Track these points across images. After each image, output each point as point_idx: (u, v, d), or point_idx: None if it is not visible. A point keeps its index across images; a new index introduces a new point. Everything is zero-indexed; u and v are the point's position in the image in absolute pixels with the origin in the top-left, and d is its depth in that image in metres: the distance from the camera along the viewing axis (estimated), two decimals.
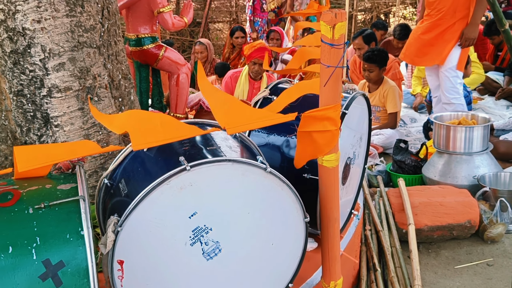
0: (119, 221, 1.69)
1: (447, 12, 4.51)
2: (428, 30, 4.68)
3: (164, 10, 4.48)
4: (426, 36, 4.68)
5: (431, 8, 4.64)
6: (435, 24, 4.60)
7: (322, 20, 1.92)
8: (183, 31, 9.97)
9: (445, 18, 4.53)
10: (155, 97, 5.02)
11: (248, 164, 1.85)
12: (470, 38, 4.47)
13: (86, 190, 1.73)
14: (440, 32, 4.57)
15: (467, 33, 4.46)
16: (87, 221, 1.57)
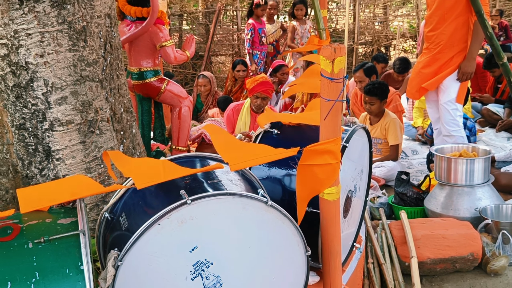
0: (119, 256, 1.68)
1: (445, 45, 4.55)
2: (428, 64, 4.72)
3: (166, 44, 4.53)
4: (427, 70, 4.71)
5: (430, 41, 4.70)
6: (434, 58, 4.64)
7: (321, 55, 1.95)
8: (186, 64, 10.06)
9: (443, 52, 4.57)
10: (157, 130, 5.03)
11: (249, 197, 1.85)
12: (467, 72, 4.51)
13: (87, 224, 1.73)
14: (440, 66, 4.61)
15: (464, 68, 4.50)
16: (87, 255, 1.57)
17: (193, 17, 10.62)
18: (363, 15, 11.81)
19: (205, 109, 7.36)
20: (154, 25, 4.51)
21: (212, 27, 9.78)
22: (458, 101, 4.63)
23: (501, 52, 3.79)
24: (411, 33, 12.45)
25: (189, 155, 2.32)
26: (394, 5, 12.76)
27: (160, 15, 4.57)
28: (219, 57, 11.02)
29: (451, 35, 4.48)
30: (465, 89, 4.67)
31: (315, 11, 4.12)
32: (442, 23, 4.52)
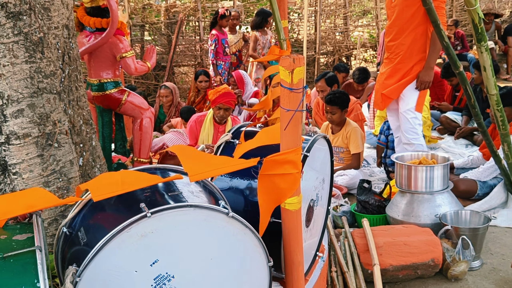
0: (78, 271, 1.64)
1: (404, 55, 4.63)
2: (390, 75, 4.77)
3: (126, 55, 4.49)
4: (389, 81, 4.77)
5: (390, 51, 4.77)
6: (395, 69, 4.71)
7: (281, 65, 1.96)
8: (148, 75, 9.99)
9: (403, 62, 4.65)
10: (118, 142, 4.97)
11: (210, 209, 1.84)
12: (425, 81, 4.58)
13: (44, 239, 1.69)
14: (401, 76, 4.67)
15: (422, 77, 4.58)
16: (43, 272, 1.53)
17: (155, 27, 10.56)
18: (324, 26, 11.94)
19: (167, 120, 7.31)
20: (114, 36, 4.47)
21: (174, 38, 9.75)
22: (417, 110, 4.70)
23: (457, 61, 3.88)
24: (371, 43, 12.66)
25: (150, 167, 2.30)
26: (355, 16, 12.96)
27: (120, 25, 4.53)
28: (181, 68, 10.98)
29: (410, 45, 4.56)
30: (424, 98, 4.75)
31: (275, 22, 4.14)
32: (401, 34, 4.60)
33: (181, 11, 10.24)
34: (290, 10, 11.53)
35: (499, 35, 11.09)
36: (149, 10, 10.54)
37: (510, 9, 13.37)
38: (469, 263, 3.42)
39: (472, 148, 6.17)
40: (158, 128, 7.24)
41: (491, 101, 3.91)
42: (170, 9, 10.48)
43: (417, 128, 4.72)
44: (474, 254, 3.43)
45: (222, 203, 1.91)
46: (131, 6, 9.97)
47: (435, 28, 3.73)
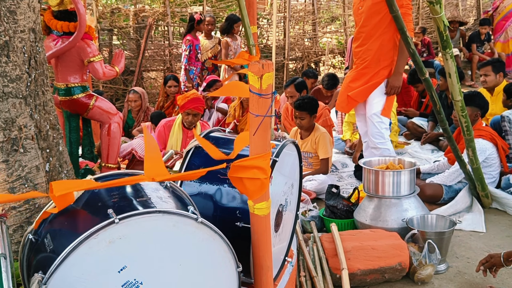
0: (44, 279, 1.62)
1: (371, 61, 4.69)
2: (355, 78, 4.84)
3: (94, 59, 4.44)
4: (354, 84, 4.84)
5: (357, 57, 4.83)
6: (361, 73, 4.78)
7: (249, 71, 1.96)
8: (116, 79, 9.89)
9: (370, 67, 4.71)
10: (85, 147, 4.91)
11: (178, 215, 1.83)
12: (395, 87, 4.66)
13: (8, 246, 1.66)
14: (366, 80, 4.74)
15: (392, 82, 4.65)
16: (8, 280, 1.50)
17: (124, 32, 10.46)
18: (293, 32, 12.02)
19: (136, 125, 7.25)
20: (81, 40, 4.42)
21: (143, 42, 9.68)
22: (383, 114, 4.76)
23: (423, 68, 3.96)
24: (339, 49, 12.77)
25: (117, 173, 2.28)
26: (323, 22, 13.07)
27: (88, 29, 4.49)
28: (150, 73, 10.89)
29: (376, 50, 4.63)
30: (391, 103, 4.81)
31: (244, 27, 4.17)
32: (368, 40, 4.66)
33: (150, 15, 10.17)
34: (259, 16, 11.57)
35: (464, 42, 11.33)
36: (117, 14, 10.44)
37: (474, 17, 13.67)
38: (435, 267, 3.48)
39: (438, 153, 6.28)
40: (127, 133, 7.17)
41: (456, 107, 4.00)
42: (139, 14, 10.40)
43: (384, 133, 4.77)
44: (440, 258, 3.48)
45: (191, 209, 1.91)
46: (99, 10, 9.87)
47: (401, 35, 3.80)
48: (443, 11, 3.53)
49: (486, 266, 3.17)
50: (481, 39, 10.88)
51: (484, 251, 3.81)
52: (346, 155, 6.47)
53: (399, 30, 3.78)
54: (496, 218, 4.46)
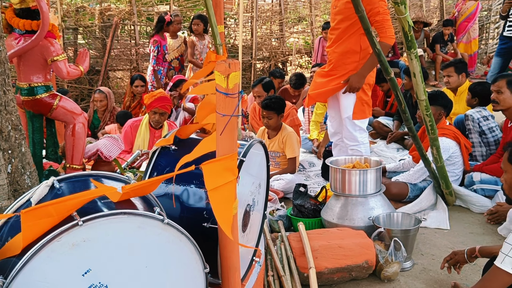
0: (5, 284, 1.58)
1: (336, 63, 4.70)
2: (321, 75, 4.86)
3: (58, 58, 4.35)
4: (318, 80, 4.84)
5: (328, 58, 4.85)
6: (328, 74, 4.79)
7: (216, 70, 1.95)
8: (82, 79, 9.74)
9: (336, 69, 4.71)
10: (49, 148, 4.80)
11: (144, 216, 1.81)
12: (354, 87, 4.62)
13: None
14: (329, 81, 4.74)
15: (352, 81, 4.61)
16: None
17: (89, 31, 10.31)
18: (260, 32, 12.03)
19: (102, 126, 7.16)
20: (44, 38, 4.33)
21: (109, 42, 9.56)
22: (355, 118, 4.76)
23: (388, 67, 3.99)
24: (306, 49, 12.84)
25: (82, 174, 2.24)
26: (290, 22, 13.12)
27: (51, 28, 4.39)
28: (116, 72, 10.76)
29: (342, 53, 4.62)
30: (362, 106, 4.78)
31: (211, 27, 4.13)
32: (337, 41, 4.67)
33: (116, 14, 10.05)
34: (226, 15, 11.55)
35: (428, 43, 11.53)
36: (82, 13, 10.28)
37: (437, 18, 13.92)
38: (401, 264, 3.52)
39: (403, 152, 6.37)
40: (93, 133, 7.07)
41: (421, 106, 4.05)
42: (104, 13, 10.26)
43: (356, 135, 4.79)
44: (405, 255, 3.53)
45: (157, 210, 1.89)
46: (63, 8, 9.70)
47: (367, 35, 3.82)
48: (408, 12, 3.58)
49: (450, 263, 3.23)
50: (445, 39, 11.09)
51: (448, 248, 3.88)
52: (313, 154, 6.51)
53: (365, 30, 3.80)
54: (460, 215, 4.55)
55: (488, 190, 4.74)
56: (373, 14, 4.45)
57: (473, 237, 4.11)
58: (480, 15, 12.55)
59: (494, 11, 13.49)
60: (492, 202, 4.58)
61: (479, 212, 4.55)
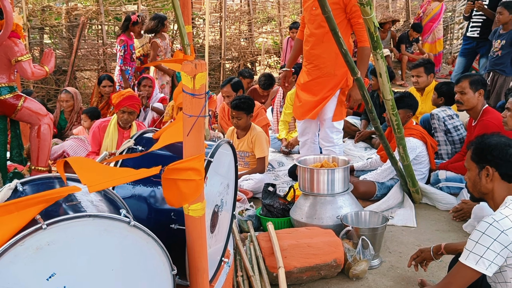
0: None
1: (325, 68, 4.64)
2: (310, 89, 4.79)
3: (22, 58, 4.28)
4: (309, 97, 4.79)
5: (309, 61, 4.76)
6: (316, 83, 4.73)
7: (182, 71, 1.95)
8: (48, 79, 9.59)
9: (324, 76, 4.66)
10: (14, 150, 4.72)
11: (110, 218, 1.79)
12: (357, 100, 4.66)
13: None
14: (321, 98, 4.71)
15: (354, 95, 4.63)
16: None
17: (55, 30, 10.15)
18: (229, 32, 12.01)
19: (69, 126, 7.06)
20: (8, 38, 4.26)
21: (76, 41, 9.41)
22: (334, 120, 4.78)
23: (355, 67, 4.03)
24: (275, 49, 12.87)
25: (46, 176, 2.20)
26: (259, 23, 13.14)
27: (15, 28, 4.32)
28: (84, 72, 10.62)
29: (330, 58, 4.59)
30: (341, 107, 4.79)
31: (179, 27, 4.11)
32: (320, 44, 4.61)
33: (83, 14, 9.91)
34: (195, 15, 11.48)
35: (394, 43, 11.68)
36: (48, 12, 10.11)
37: (403, 18, 14.11)
38: (369, 262, 3.56)
39: (371, 151, 6.43)
40: (60, 134, 6.96)
41: (387, 106, 4.10)
42: (71, 12, 10.10)
43: (333, 137, 4.81)
44: (373, 253, 3.57)
45: (123, 212, 1.87)
46: (29, 8, 9.53)
47: (333, 35, 3.83)
48: (374, 13, 3.62)
49: (417, 261, 3.28)
50: (410, 40, 11.26)
51: (415, 245, 3.94)
52: (282, 154, 6.53)
53: (331, 30, 3.81)
54: (426, 212, 4.62)
55: (454, 187, 4.83)
56: (357, 16, 4.45)
57: (439, 234, 4.19)
58: (444, 16, 12.78)
59: (458, 12, 13.75)
60: (457, 199, 4.66)
61: (445, 209, 4.63)
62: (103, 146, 5.72)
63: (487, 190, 2.64)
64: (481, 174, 2.65)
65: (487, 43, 7.34)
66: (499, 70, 6.71)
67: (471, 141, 2.79)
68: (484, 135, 2.77)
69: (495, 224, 2.38)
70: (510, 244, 2.36)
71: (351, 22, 4.57)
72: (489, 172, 2.62)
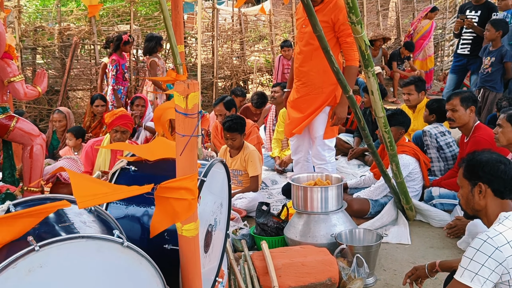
0: None
1: (313, 86, 4.67)
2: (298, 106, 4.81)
3: (15, 79, 4.28)
4: (296, 114, 4.82)
5: (298, 78, 4.79)
6: (304, 100, 4.75)
7: (175, 91, 1.95)
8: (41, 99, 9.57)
9: (312, 93, 4.69)
10: (6, 170, 4.69)
11: (103, 239, 1.78)
12: (342, 118, 4.67)
13: None
14: (309, 113, 4.73)
15: (338, 113, 4.63)
16: None
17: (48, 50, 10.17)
18: (221, 50, 12.07)
19: (61, 146, 7.03)
20: (1, 59, 4.26)
21: (69, 61, 9.42)
22: (326, 138, 4.79)
23: (347, 86, 4.05)
24: (267, 68, 12.94)
25: (39, 197, 2.19)
26: (251, 41, 13.22)
27: (8, 49, 4.32)
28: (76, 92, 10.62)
29: (318, 75, 4.61)
30: (333, 126, 4.80)
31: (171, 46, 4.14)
32: (308, 61, 4.63)
33: (76, 34, 9.93)
34: (187, 34, 11.54)
35: (386, 60, 11.78)
36: (41, 32, 10.13)
37: (394, 36, 14.24)
38: (364, 280, 3.54)
39: (364, 168, 6.44)
40: (52, 154, 6.94)
41: (379, 123, 4.12)
42: (64, 32, 10.13)
43: (325, 155, 4.81)
44: (368, 271, 3.56)
45: (116, 233, 1.86)
46: (22, 28, 9.54)
47: (325, 54, 3.86)
48: (364, 31, 3.65)
49: (412, 279, 3.26)
50: (401, 57, 11.36)
51: (409, 263, 3.92)
52: (276, 172, 6.53)
53: (323, 49, 3.84)
54: (420, 230, 4.62)
55: (447, 204, 4.83)
56: (344, 35, 4.48)
57: (434, 251, 4.18)
58: (435, 33, 12.92)
59: (448, 29, 13.90)
60: (451, 216, 4.66)
61: (439, 226, 4.63)
62: (95, 165, 5.69)
63: (480, 207, 2.65)
64: (473, 191, 2.66)
65: (478, 60, 7.40)
66: (490, 87, 6.77)
67: (463, 158, 2.80)
68: (475, 152, 2.78)
69: (489, 241, 2.38)
70: (505, 261, 2.35)
71: (339, 41, 4.60)
72: (482, 189, 2.62)
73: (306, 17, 4.04)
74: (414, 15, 14.10)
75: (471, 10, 7.73)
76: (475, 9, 7.69)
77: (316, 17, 3.72)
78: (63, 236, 1.71)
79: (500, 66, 6.67)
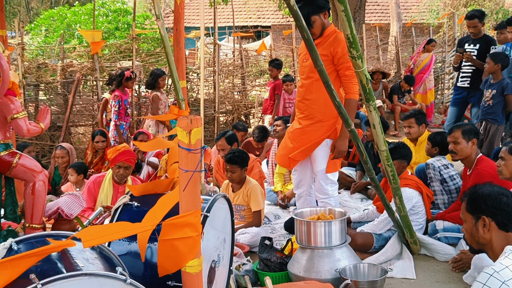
0: None
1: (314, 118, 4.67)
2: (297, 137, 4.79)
3: (18, 116, 4.29)
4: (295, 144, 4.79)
5: (300, 111, 4.80)
6: (304, 131, 4.75)
7: (178, 126, 1.96)
8: (43, 135, 9.62)
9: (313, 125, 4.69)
10: (8, 207, 4.66)
11: (106, 276, 1.77)
12: (342, 151, 4.67)
13: None
14: (307, 140, 4.72)
15: (339, 147, 4.64)
16: None
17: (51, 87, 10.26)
18: (223, 85, 12.17)
19: (63, 182, 7.03)
20: (4, 96, 4.28)
21: (71, 97, 9.50)
22: (328, 172, 4.76)
23: (349, 119, 4.06)
24: None
25: (41, 234, 2.18)
26: (252, 76, 13.33)
27: (12, 86, 4.35)
28: (78, 128, 10.67)
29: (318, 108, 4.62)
30: (335, 160, 4.78)
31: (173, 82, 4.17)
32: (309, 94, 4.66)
33: (78, 70, 10.04)
34: (189, 70, 11.66)
35: (386, 94, 11.85)
36: (44, 69, 10.24)
37: (394, 70, 14.37)
38: None
39: (367, 202, 6.42)
40: (54, 191, 6.92)
41: (382, 157, 4.12)
42: (66, 69, 10.25)
43: (328, 189, 4.79)
44: None
45: (119, 270, 1.85)
46: (25, 65, 9.65)
47: (326, 88, 3.88)
48: (365, 65, 3.68)
49: None
50: (402, 90, 11.44)
51: None
52: (278, 206, 6.50)
53: (324, 83, 3.87)
54: (425, 264, 4.57)
55: (452, 238, 4.80)
56: (343, 68, 4.52)
57: (439, 286, 4.13)
58: (435, 67, 13.03)
59: (448, 63, 14.02)
60: (456, 249, 4.62)
61: (444, 260, 4.58)
62: (98, 201, 5.69)
63: (485, 240, 2.63)
64: (477, 224, 2.64)
65: (478, 93, 7.45)
66: (491, 119, 6.79)
67: (465, 192, 2.80)
68: (476, 185, 2.78)
69: (495, 275, 2.36)
70: None
71: (339, 74, 4.64)
72: (486, 222, 2.61)
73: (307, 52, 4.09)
74: (414, 49, 14.26)
75: (470, 44, 7.82)
76: (474, 43, 7.78)
77: (317, 52, 3.76)
78: (65, 274, 1.70)
79: (502, 98, 6.71)
